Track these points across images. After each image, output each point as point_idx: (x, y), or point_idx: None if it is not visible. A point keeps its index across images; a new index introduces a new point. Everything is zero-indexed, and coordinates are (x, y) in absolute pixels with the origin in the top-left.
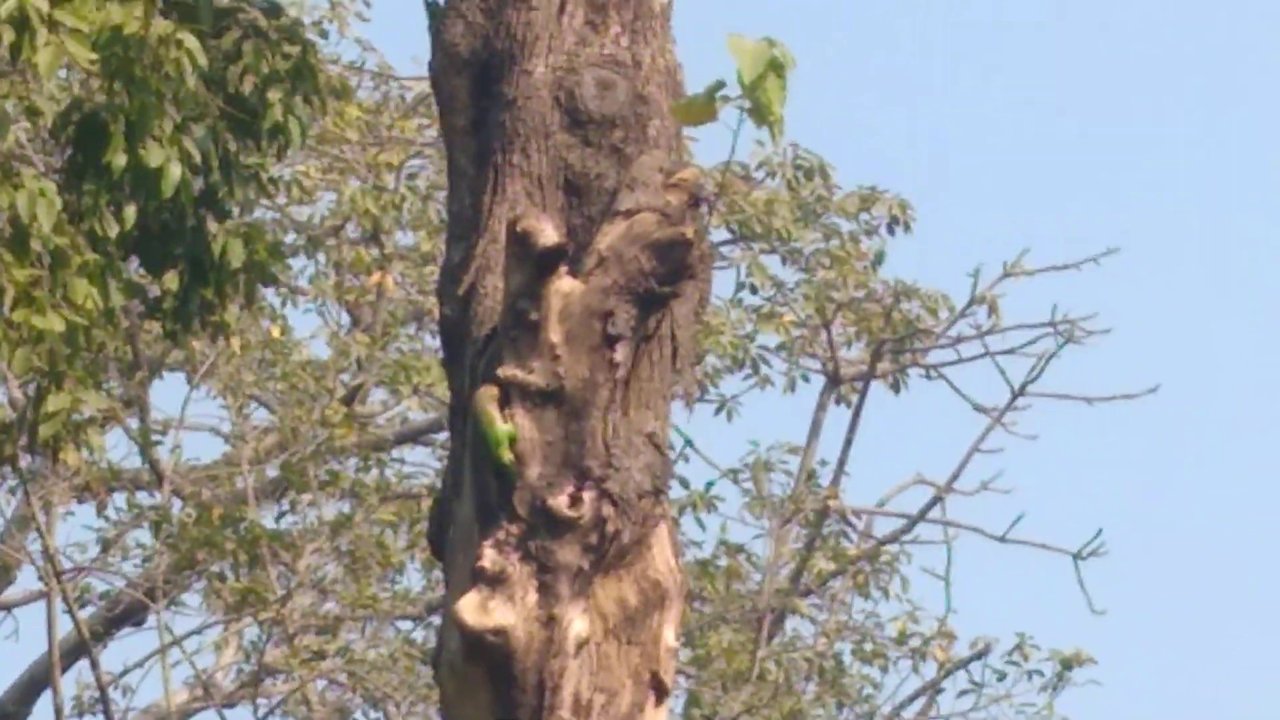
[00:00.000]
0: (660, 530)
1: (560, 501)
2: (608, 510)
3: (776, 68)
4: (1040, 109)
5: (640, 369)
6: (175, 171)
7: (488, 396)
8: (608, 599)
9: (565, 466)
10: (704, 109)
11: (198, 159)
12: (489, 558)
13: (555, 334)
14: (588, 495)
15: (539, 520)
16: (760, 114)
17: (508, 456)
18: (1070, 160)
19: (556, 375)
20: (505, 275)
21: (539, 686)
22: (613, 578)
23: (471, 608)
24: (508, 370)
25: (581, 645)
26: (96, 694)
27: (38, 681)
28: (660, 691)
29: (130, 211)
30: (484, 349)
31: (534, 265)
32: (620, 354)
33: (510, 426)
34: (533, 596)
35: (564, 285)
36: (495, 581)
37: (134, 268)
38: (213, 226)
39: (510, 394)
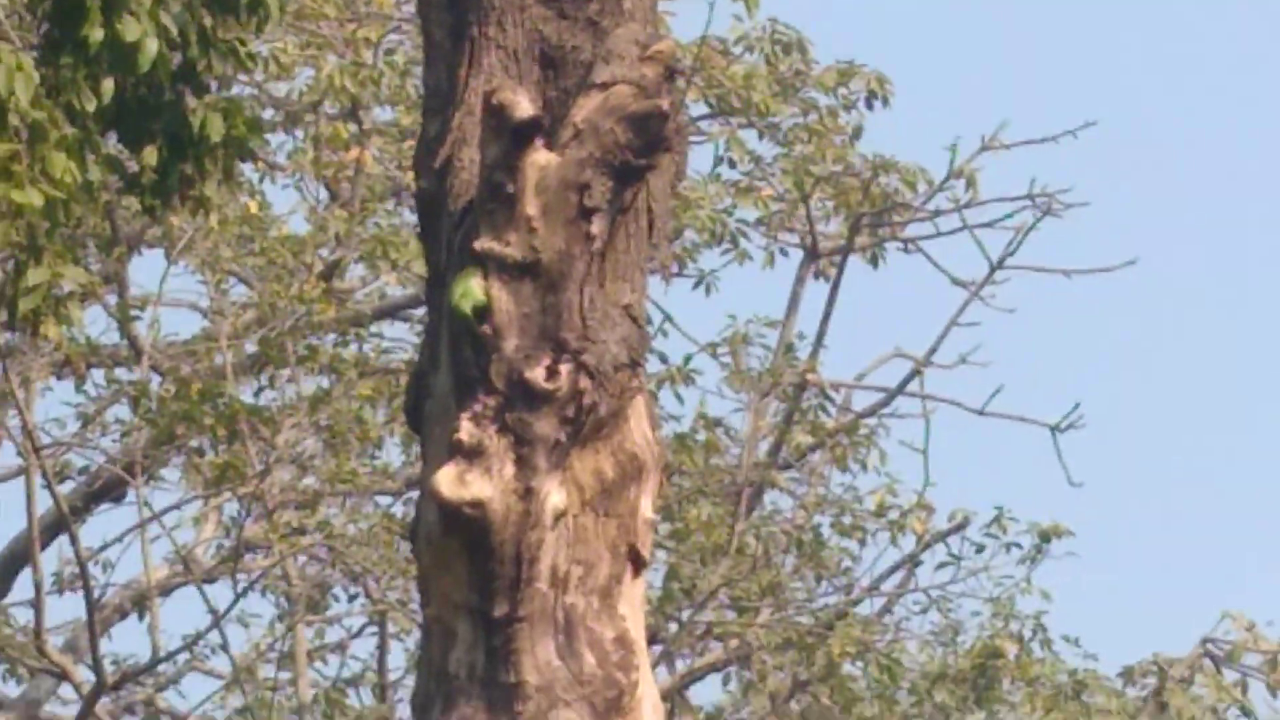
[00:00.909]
0: (637, 403)
1: (537, 374)
2: (584, 383)
3: None
4: None
5: (616, 242)
6: (152, 46)
7: (468, 270)
8: (585, 471)
9: (542, 339)
10: None
11: (175, 33)
12: (466, 430)
13: (531, 207)
14: (564, 368)
15: (516, 393)
16: None
17: (467, 310)
18: (1048, 33)
19: (533, 248)
20: (481, 148)
21: (516, 558)
22: (590, 450)
23: (449, 480)
24: (484, 243)
25: (559, 517)
26: (76, 569)
27: (17, 557)
28: (638, 563)
29: (108, 86)
30: (460, 222)
31: (510, 138)
32: (596, 226)
33: (480, 292)
34: (510, 469)
35: (540, 158)
36: (472, 454)
37: (113, 143)
38: (191, 101)
39: (487, 267)
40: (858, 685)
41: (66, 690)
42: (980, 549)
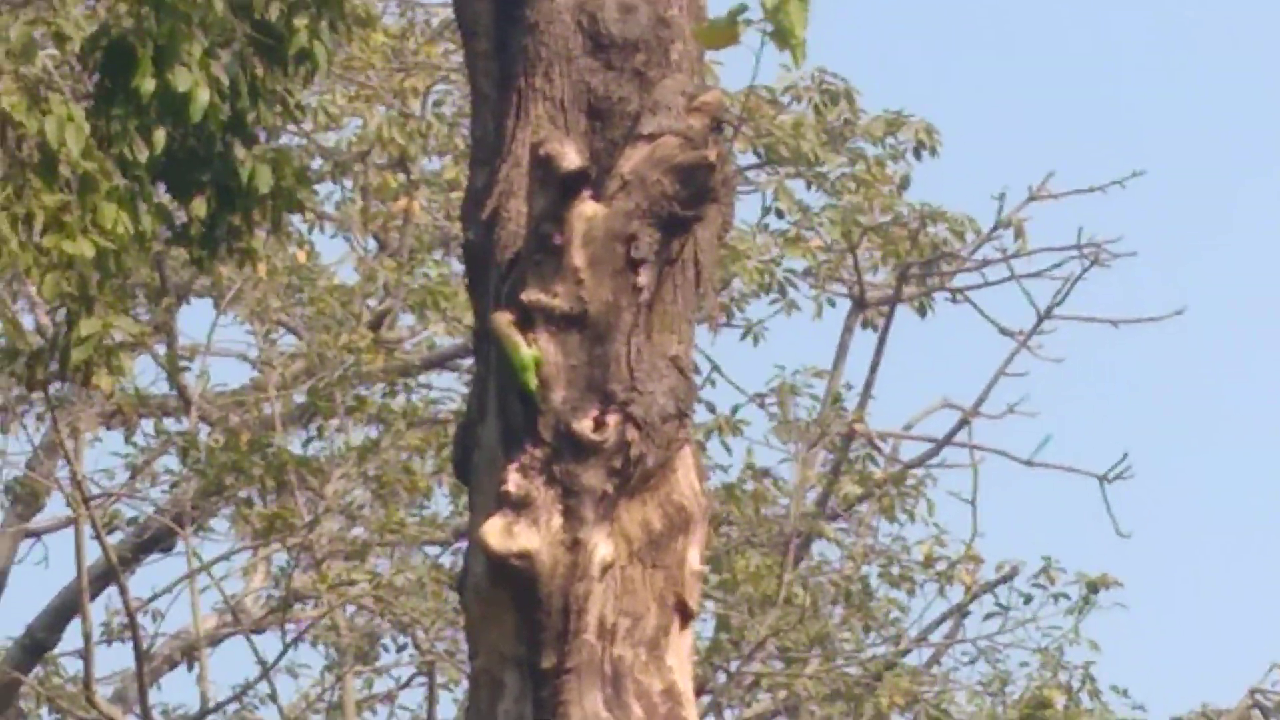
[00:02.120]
0: (684, 453)
1: (584, 425)
2: (632, 434)
3: None
4: (1066, 31)
5: (663, 293)
6: (203, 96)
7: (506, 321)
8: (632, 522)
9: (589, 390)
10: (726, 32)
11: (225, 84)
12: (514, 482)
13: (579, 258)
14: (612, 419)
15: (563, 444)
16: (782, 37)
17: (533, 381)
18: (1096, 83)
19: (580, 299)
20: (528, 199)
21: (564, 610)
22: (637, 501)
23: (496, 532)
24: (531, 294)
25: (606, 569)
26: (125, 620)
27: (67, 608)
28: (685, 614)
29: (159, 136)
30: (508, 273)
31: (557, 189)
32: (644, 278)
33: (535, 351)
34: (557, 520)
35: (587, 209)
36: (520, 505)
37: (161, 193)
38: (240, 152)
39: (534, 318)
40: None
41: None
42: (1028, 599)
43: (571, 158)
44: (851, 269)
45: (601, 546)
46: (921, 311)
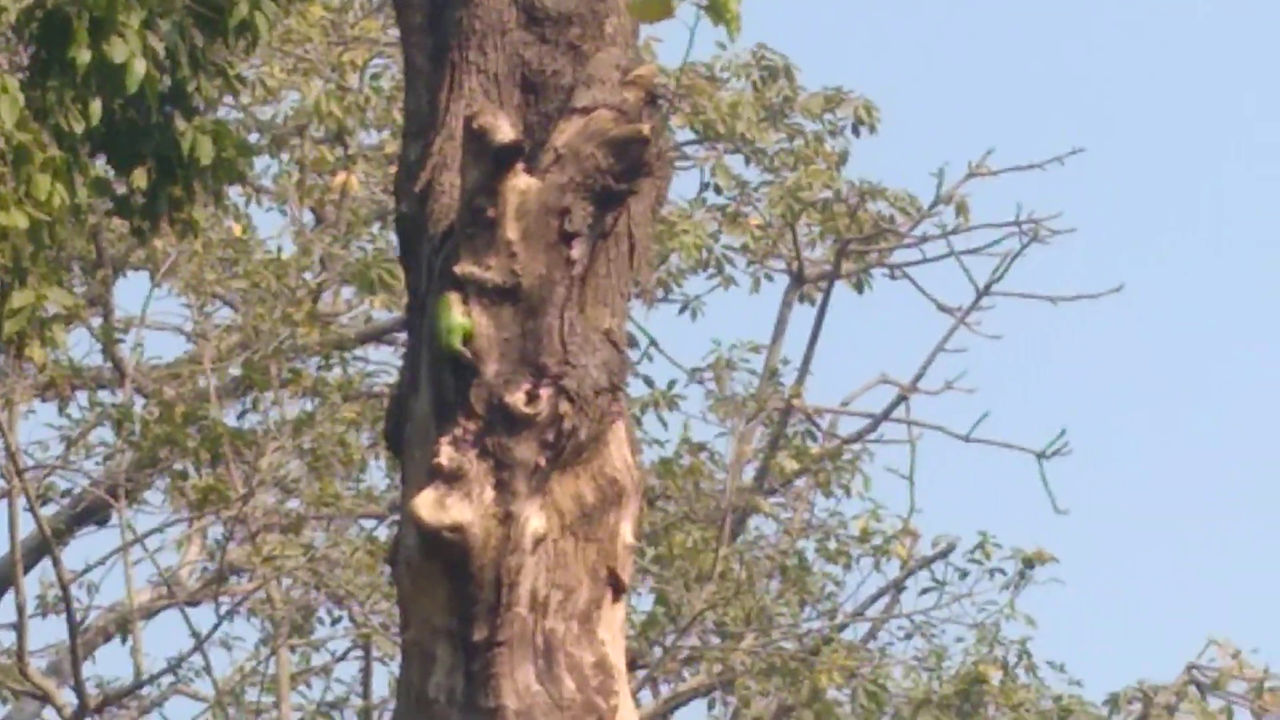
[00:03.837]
0: (617, 427)
1: (517, 398)
2: (565, 407)
3: None
4: (1004, 5)
5: (597, 266)
6: (140, 67)
7: (449, 297)
8: (564, 495)
9: (522, 363)
10: (661, 6)
11: (163, 55)
12: (446, 454)
13: (512, 231)
14: (545, 392)
15: (496, 417)
16: (717, 11)
17: (457, 343)
18: (1035, 59)
19: (513, 272)
20: (462, 172)
21: (496, 583)
22: (570, 474)
23: (428, 504)
24: (465, 267)
25: (539, 542)
26: (60, 592)
27: (1, 580)
28: (618, 588)
29: (95, 107)
30: (440, 246)
31: (491, 162)
32: (577, 251)
33: (466, 320)
34: (490, 493)
35: (521, 182)
36: (452, 478)
37: (101, 165)
38: (181, 124)
39: (467, 291)
40: (843, 711)
41: (50, 713)
42: (964, 575)
43: (505, 131)
44: (790, 244)
45: (534, 519)
46: (859, 288)
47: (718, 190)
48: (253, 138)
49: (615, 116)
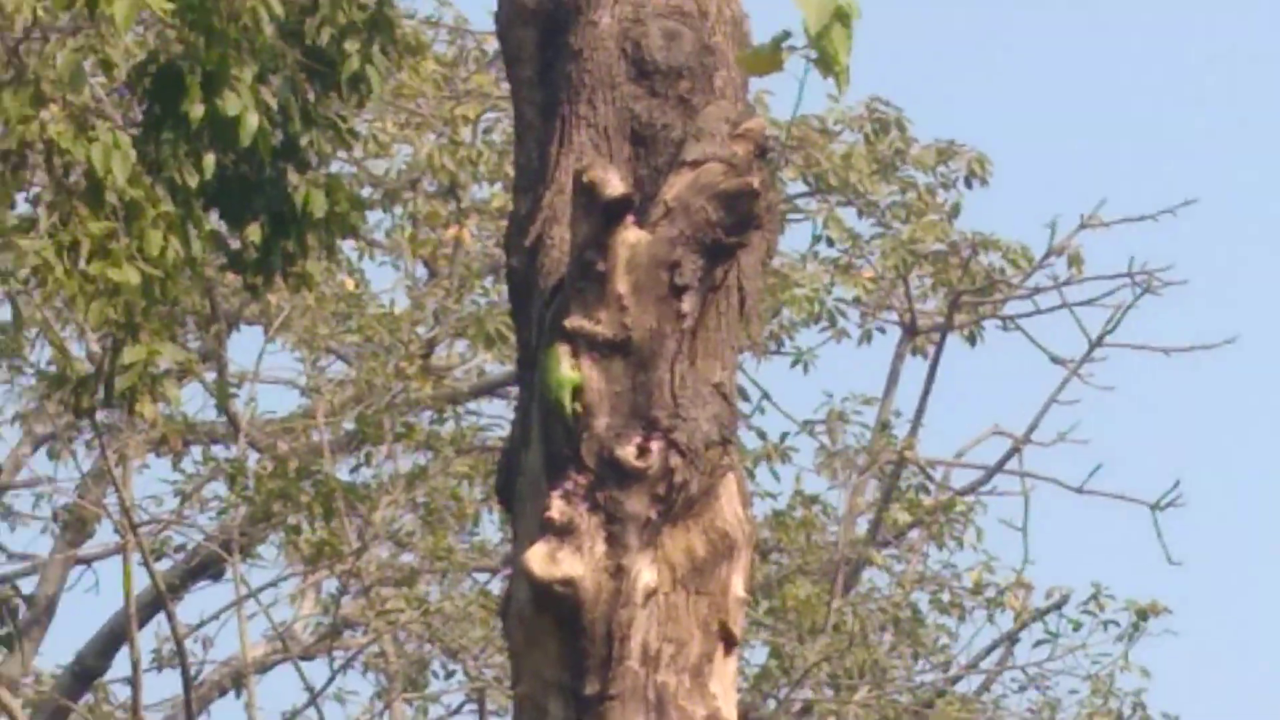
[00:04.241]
0: (728, 480)
1: (628, 452)
2: (675, 461)
3: (842, 17)
4: (1116, 58)
5: (707, 319)
6: (253, 121)
7: (558, 350)
8: (676, 549)
9: (633, 417)
10: (770, 59)
11: (275, 108)
12: (557, 508)
13: (622, 284)
14: (655, 445)
15: (607, 471)
16: (826, 64)
17: (568, 400)
18: (1148, 112)
19: (624, 326)
20: (572, 226)
21: (607, 636)
22: (681, 528)
23: (540, 558)
24: (575, 321)
25: (650, 596)
26: (174, 647)
27: (117, 635)
28: (729, 641)
29: (209, 161)
30: (551, 300)
31: (600, 216)
32: (687, 304)
33: (576, 374)
34: (601, 547)
35: (630, 236)
36: (563, 532)
37: (214, 220)
38: (293, 178)
39: (578, 345)
40: None
41: None
42: (1077, 626)
43: (615, 184)
44: (902, 296)
45: (645, 573)
46: (971, 340)
47: (830, 242)
48: (365, 192)
49: (725, 170)
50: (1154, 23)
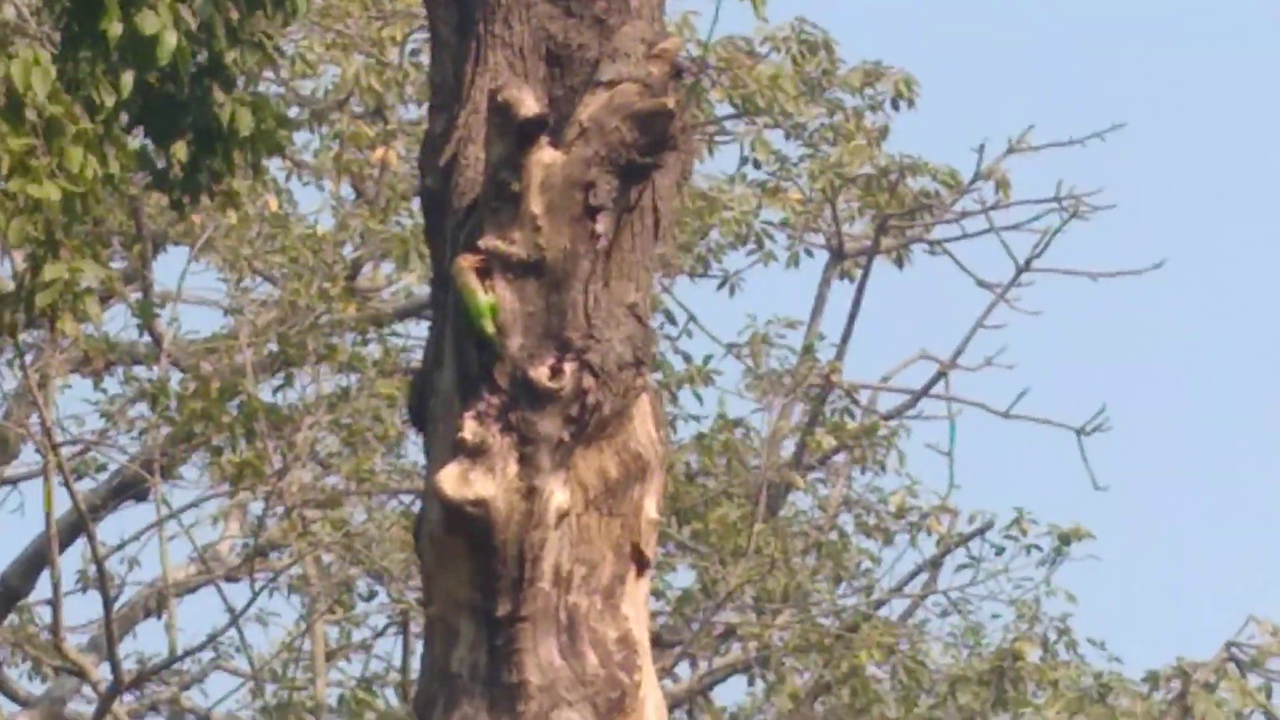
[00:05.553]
0: (642, 402)
1: (541, 373)
2: (588, 382)
3: None
4: None
5: (622, 240)
6: (171, 39)
7: (467, 267)
8: (588, 470)
9: (546, 338)
10: None
11: (194, 27)
12: (470, 429)
13: (536, 205)
14: (568, 366)
15: (520, 391)
16: None
17: (490, 328)
18: (1075, 34)
19: (538, 246)
20: (486, 146)
21: (519, 557)
22: (593, 449)
23: (452, 479)
24: (489, 241)
25: (562, 517)
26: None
27: (40, 556)
28: (641, 563)
29: (127, 80)
30: (465, 220)
31: (515, 136)
32: (602, 225)
33: (492, 298)
34: (513, 468)
35: (545, 156)
36: (476, 453)
37: (141, 138)
38: (219, 97)
39: (492, 265)
40: (881, 688)
41: (90, 689)
42: (1000, 551)
43: (529, 104)
44: (829, 220)
45: (558, 494)
46: (899, 263)
47: (757, 165)
48: (293, 112)
49: (640, 90)
50: None
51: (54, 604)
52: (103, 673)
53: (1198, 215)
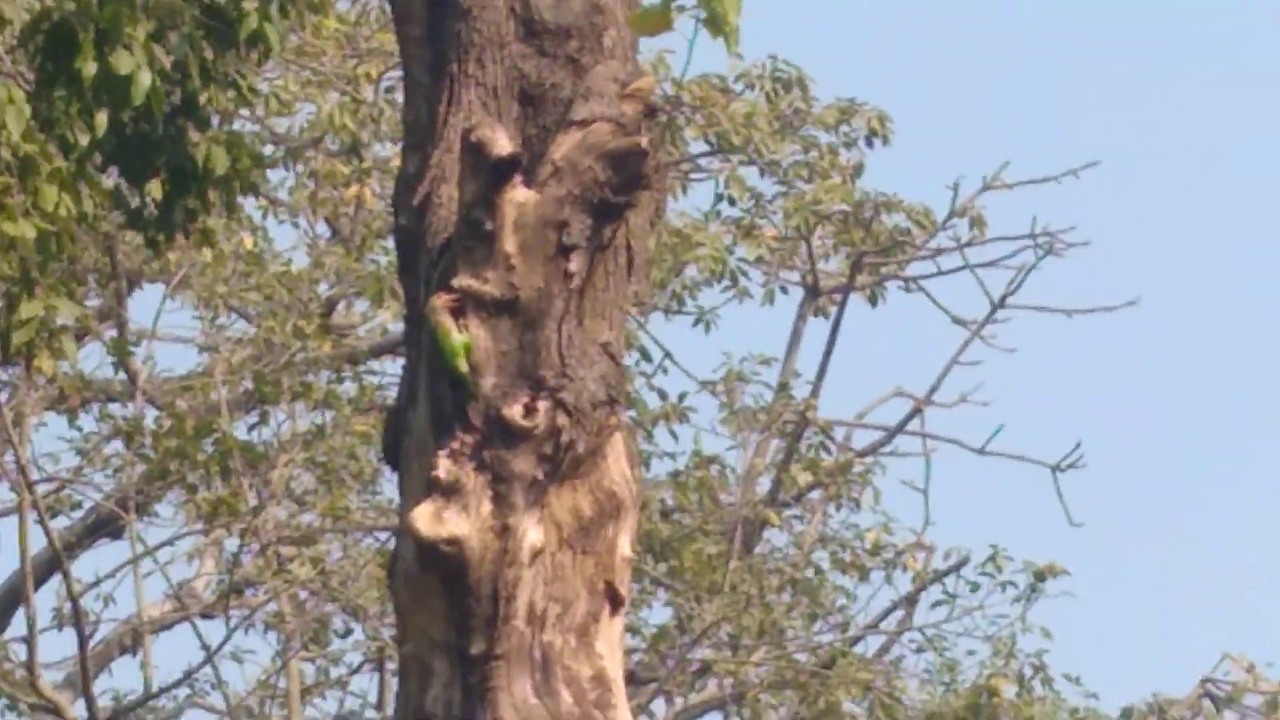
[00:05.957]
0: (615, 440)
1: (515, 411)
2: (562, 420)
3: None
4: (1021, 20)
5: (595, 279)
6: (145, 79)
7: (441, 306)
8: (562, 509)
9: (520, 376)
10: (660, 19)
11: (168, 66)
12: (444, 467)
13: (510, 244)
14: (542, 405)
15: (494, 430)
16: (715, 24)
17: (463, 366)
18: (1051, 73)
19: (511, 285)
20: (460, 185)
21: (493, 596)
22: (567, 488)
23: (426, 517)
24: (463, 280)
25: (536, 555)
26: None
27: (15, 593)
28: (615, 601)
29: (101, 119)
30: (439, 258)
31: (488, 175)
32: (575, 264)
33: (466, 337)
34: (487, 506)
35: (518, 195)
36: (450, 491)
37: (116, 177)
38: (194, 135)
39: (465, 304)
40: None
41: None
42: (975, 588)
43: (503, 144)
44: (805, 257)
45: (531, 532)
46: (874, 300)
47: (732, 202)
48: (268, 150)
49: (613, 129)
50: None
51: (29, 641)
52: (78, 710)
53: (1171, 252)
